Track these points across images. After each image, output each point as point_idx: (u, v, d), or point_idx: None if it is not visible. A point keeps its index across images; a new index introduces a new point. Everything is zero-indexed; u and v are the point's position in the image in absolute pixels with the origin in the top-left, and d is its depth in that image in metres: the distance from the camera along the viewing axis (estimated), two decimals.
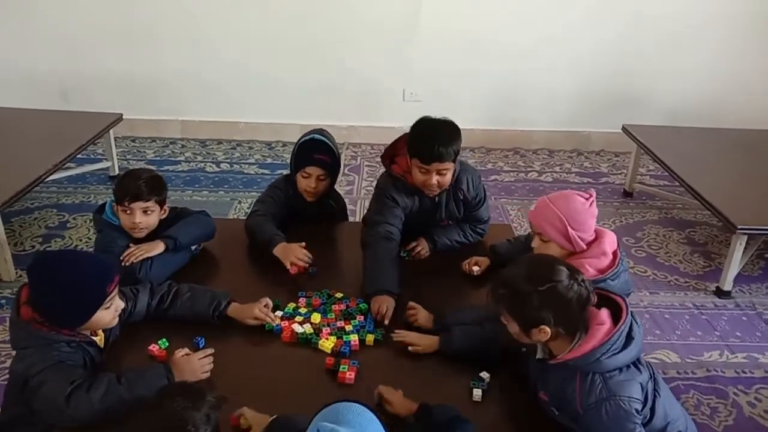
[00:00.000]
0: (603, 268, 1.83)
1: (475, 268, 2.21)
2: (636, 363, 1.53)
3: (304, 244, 2.20)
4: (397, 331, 1.89)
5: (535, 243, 1.93)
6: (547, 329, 1.50)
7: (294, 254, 2.15)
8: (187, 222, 2.20)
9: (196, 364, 1.67)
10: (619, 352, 1.49)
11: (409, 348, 1.82)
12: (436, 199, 2.28)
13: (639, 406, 1.48)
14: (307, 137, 2.42)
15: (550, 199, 1.92)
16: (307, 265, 2.16)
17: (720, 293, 3.18)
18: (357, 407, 1.23)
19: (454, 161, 2.15)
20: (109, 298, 1.63)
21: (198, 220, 2.24)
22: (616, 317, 1.54)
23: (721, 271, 3.24)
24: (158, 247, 2.07)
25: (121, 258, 2.02)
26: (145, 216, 2.09)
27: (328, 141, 2.42)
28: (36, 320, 1.58)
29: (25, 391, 1.56)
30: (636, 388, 1.49)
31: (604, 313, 1.54)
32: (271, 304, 1.94)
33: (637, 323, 1.55)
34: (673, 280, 3.31)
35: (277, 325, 1.90)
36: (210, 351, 1.73)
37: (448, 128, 2.14)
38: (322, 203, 2.51)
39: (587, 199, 1.88)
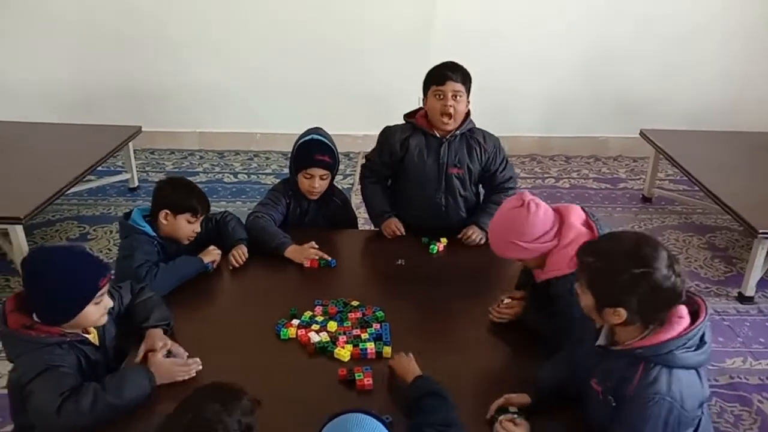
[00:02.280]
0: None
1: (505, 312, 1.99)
2: (699, 373, 1.45)
3: (313, 243, 2.33)
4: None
5: (521, 263, 1.94)
6: (623, 313, 1.40)
7: (306, 254, 2.29)
8: (234, 226, 2.38)
9: (172, 367, 1.71)
10: (692, 351, 1.40)
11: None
12: (445, 142, 2.43)
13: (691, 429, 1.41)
14: (306, 138, 2.47)
15: (492, 228, 1.93)
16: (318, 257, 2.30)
17: (742, 299, 3.13)
18: (368, 421, 1.20)
19: (466, 92, 2.39)
20: (100, 293, 1.65)
21: (237, 220, 2.42)
22: (692, 316, 1.45)
23: (742, 276, 3.19)
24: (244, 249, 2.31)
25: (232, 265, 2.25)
26: (198, 226, 2.24)
27: (327, 141, 2.46)
28: (24, 326, 1.59)
29: (21, 400, 1.56)
30: (694, 404, 1.40)
31: (684, 309, 1.45)
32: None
33: (708, 331, 1.46)
34: (694, 285, 3.26)
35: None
36: (194, 361, 1.75)
37: (460, 65, 2.42)
38: (326, 200, 2.56)
39: (521, 206, 1.80)
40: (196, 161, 4.72)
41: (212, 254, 2.24)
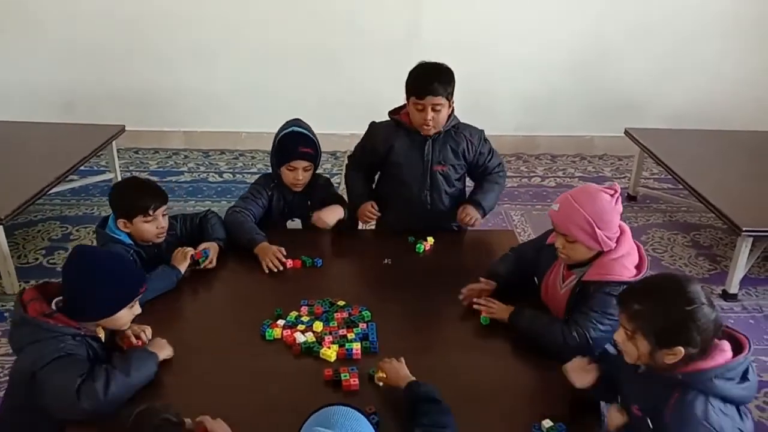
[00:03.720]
0: (638, 264, 1.79)
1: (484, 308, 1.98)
2: (740, 411, 1.45)
3: (282, 248, 2.27)
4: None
5: (559, 243, 1.84)
6: (682, 351, 1.41)
7: (268, 257, 2.24)
8: (215, 224, 2.34)
9: (163, 341, 1.78)
10: (733, 382, 1.42)
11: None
12: (429, 140, 2.41)
13: None
14: (287, 130, 2.46)
15: (574, 198, 1.79)
16: (282, 265, 2.24)
17: (726, 296, 3.16)
18: (348, 411, 1.24)
19: (447, 99, 2.31)
20: (137, 298, 1.71)
21: (218, 219, 2.38)
22: (735, 353, 1.47)
23: (726, 273, 3.22)
24: (216, 248, 2.24)
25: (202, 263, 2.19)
26: (164, 219, 2.17)
27: (308, 132, 2.46)
28: (44, 313, 1.61)
29: (31, 387, 1.56)
30: None
31: (726, 343, 1.47)
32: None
33: (752, 369, 1.47)
34: None
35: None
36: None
37: (441, 67, 2.34)
38: (310, 189, 2.54)
39: (612, 195, 1.78)
40: (181, 160, 4.68)
41: (185, 256, 2.16)
